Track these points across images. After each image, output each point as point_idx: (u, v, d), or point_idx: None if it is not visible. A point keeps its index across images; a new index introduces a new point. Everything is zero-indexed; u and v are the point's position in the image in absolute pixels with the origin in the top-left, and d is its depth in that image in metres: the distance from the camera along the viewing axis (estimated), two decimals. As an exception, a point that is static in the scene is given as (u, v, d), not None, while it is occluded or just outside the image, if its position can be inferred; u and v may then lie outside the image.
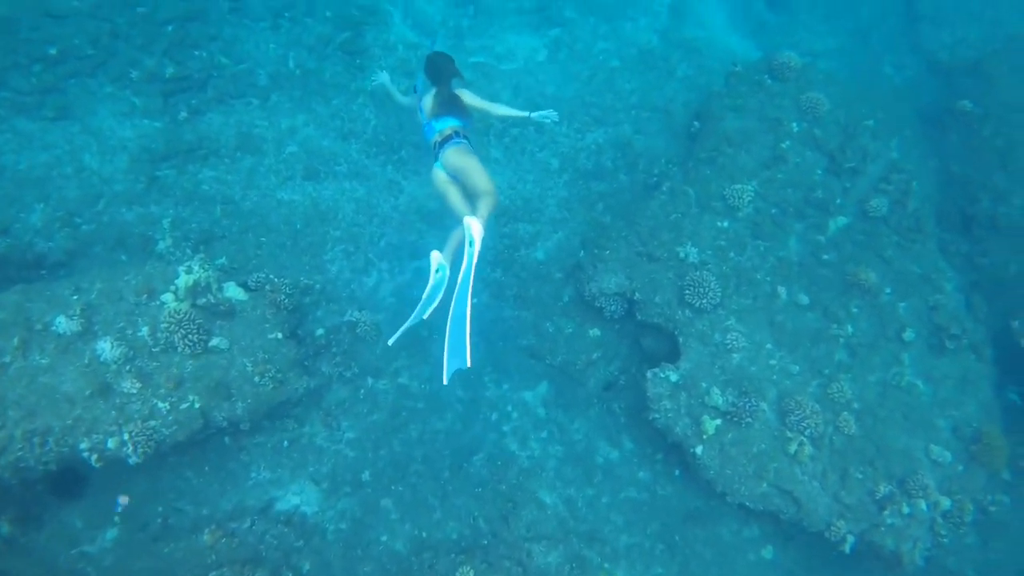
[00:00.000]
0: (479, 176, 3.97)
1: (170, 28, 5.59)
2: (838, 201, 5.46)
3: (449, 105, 4.15)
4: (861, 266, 5.22)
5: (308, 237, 5.03)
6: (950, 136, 5.93)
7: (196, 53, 5.52)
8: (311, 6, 6.02)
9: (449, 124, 4.16)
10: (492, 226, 5.12)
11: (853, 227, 5.43)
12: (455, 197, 4.05)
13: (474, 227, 3.72)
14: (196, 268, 4.12)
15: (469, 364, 3.70)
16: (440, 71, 4.19)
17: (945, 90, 6.22)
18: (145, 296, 4.06)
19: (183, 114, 5.28)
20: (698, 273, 4.89)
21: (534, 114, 4.32)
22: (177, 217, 4.90)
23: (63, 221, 4.70)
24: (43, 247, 4.60)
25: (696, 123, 5.83)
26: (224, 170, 5.16)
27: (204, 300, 4.14)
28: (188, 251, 4.78)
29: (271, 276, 4.50)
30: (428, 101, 4.21)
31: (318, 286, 4.88)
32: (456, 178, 4.08)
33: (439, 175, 4.12)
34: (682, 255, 5.00)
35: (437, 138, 4.16)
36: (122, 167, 5.00)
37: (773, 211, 5.30)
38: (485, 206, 3.89)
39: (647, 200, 5.21)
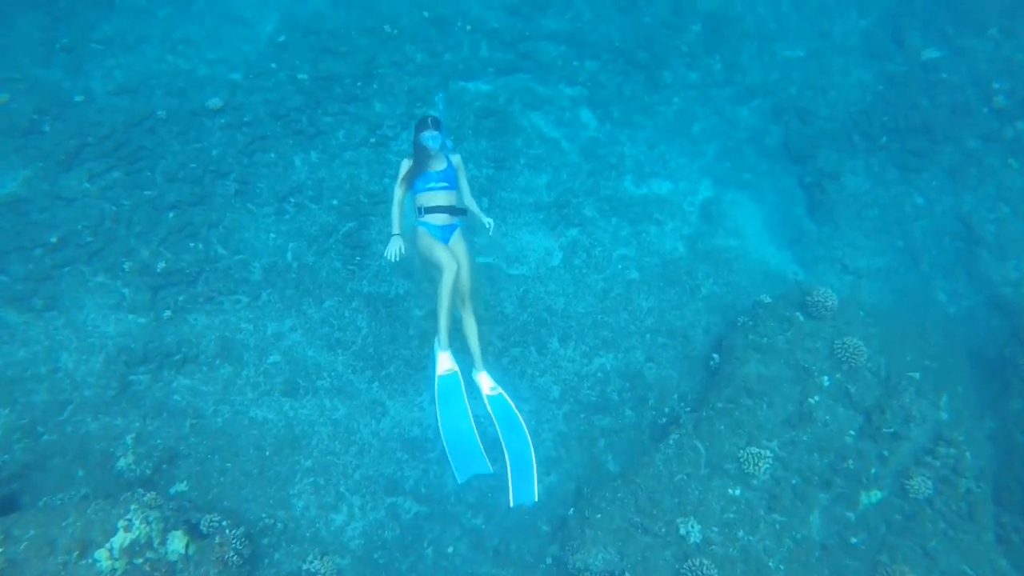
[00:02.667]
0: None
1: (172, 214, 6.24)
2: (873, 471, 5.40)
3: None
4: (897, 560, 5.03)
5: (276, 466, 5.25)
6: (1013, 399, 5.78)
7: (192, 244, 6.10)
8: (319, 192, 6.59)
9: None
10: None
11: (890, 504, 5.32)
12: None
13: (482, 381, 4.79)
14: (137, 523, 4.33)
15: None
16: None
17: (1008, 334, 6.16)
18: (77, 553, 4.21)
19: (167, 312, 5.75)
20: (698, 560, 4.78)
21: (486, 219, 5.14)
22: (143, 431, 5.22)
23: (25, 431, 5.07)
24: (-2, 461, 4.87)
25: (716, 356, 5.95)
26: (200, 379, 5.50)
27: (142, 559, 4.26)
28: (148, 470, 5.00)
29: (224, 523, 4.64)
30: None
31: (280, 525, 5.04)
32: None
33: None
34: (683, 531, 4.94)
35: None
36: (96, 369, 5.40)
37: (794, 481, 5.24)
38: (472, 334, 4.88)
39: (652, 452, 5.23)
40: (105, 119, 6.67)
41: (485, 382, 4.79)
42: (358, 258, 6.34)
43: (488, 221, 5.07)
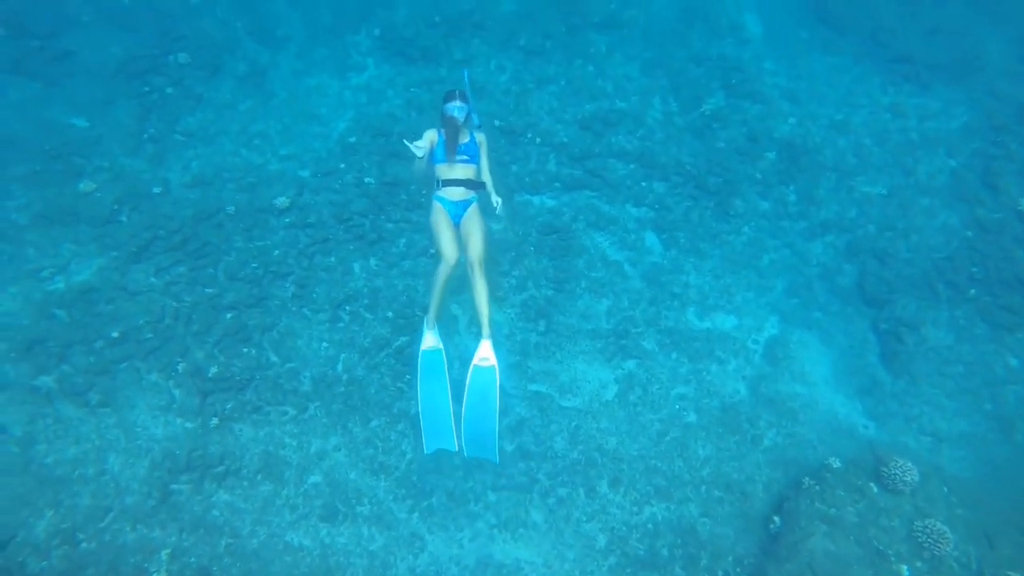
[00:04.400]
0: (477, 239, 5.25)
1: (229, 316, 6.71)
2: None
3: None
4: None
5: (306, 599, 5.33)
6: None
7: (245, 350, 6.52)
8: (375, 301, 6.98)
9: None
10: None
11: None
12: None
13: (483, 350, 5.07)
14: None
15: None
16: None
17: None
18: None
19: (215, 420, 6.11)
20: None
21: (495, 197, 5.44)
22: (178, 547, 5.49)
23: (65, 537, 5.40)
24: (35, 568, 5.18)
25: (776, 519, 5.92)
26: (240, 495, 5.78)
27: None
28: (179, 591, 5.19)
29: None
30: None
31: (302, 664, 5.08)
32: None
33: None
34: None
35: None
36: (140, 475, 5.75)
37: None
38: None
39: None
40: (177, 212, 7.30)
41: (482, 350, 5.09)
42: (408, 376, 6.62)
43: (496, 200, 5.44)
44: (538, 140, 8.31)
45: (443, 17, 9.39)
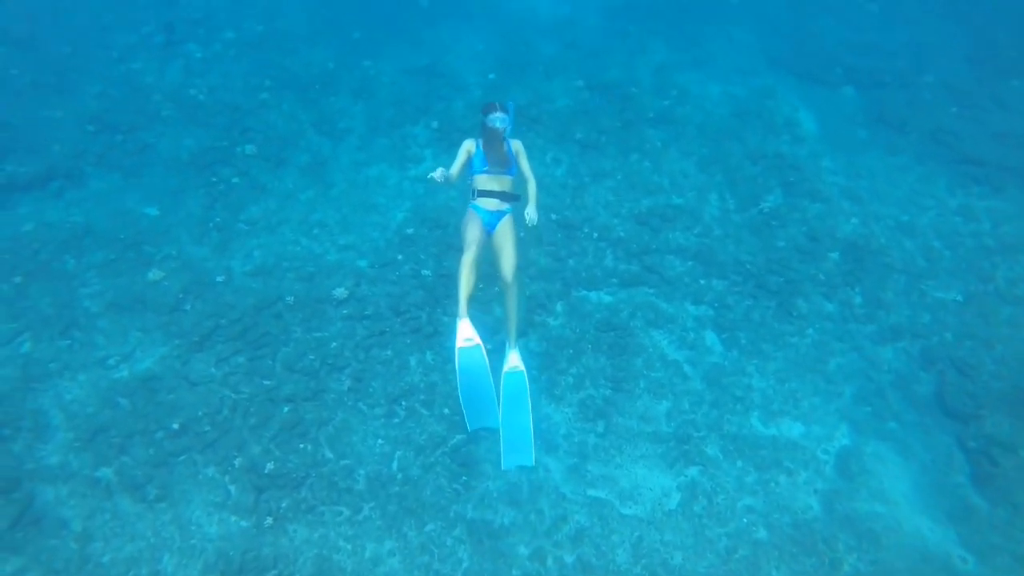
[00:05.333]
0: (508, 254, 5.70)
1: (286, 409, 6.86)
2: None
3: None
4: None
5: None
6: None
7: (301, 445, 6.65)
8: (431, 397, 7.11)
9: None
10: None
11: None
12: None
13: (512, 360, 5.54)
14: None
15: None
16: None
17: None
18: None
19: (269, 520, 6.17)
20: None
21: (532, 208, 5.74)
22: (226, 656, 5.35)
23: None
24: (84, 674, 5.17)
25: (859, 654, 5.62)
26: (292, 602, 5.69)
27: None
28: None
29: None
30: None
31: None
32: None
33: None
34: None
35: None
36: (193, 578, 5.70)
37: None
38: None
39: None
40: (239, 301, 7.65)
41: (511, 360, 5.57)
42: (464, 478, 6.65)
43: (531, 214, 5.71)
44: (595, 235, 8.56)
45: (500, 113, 9.94)
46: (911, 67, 11.80)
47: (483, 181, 5.78)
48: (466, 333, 5.36)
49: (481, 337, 5.75)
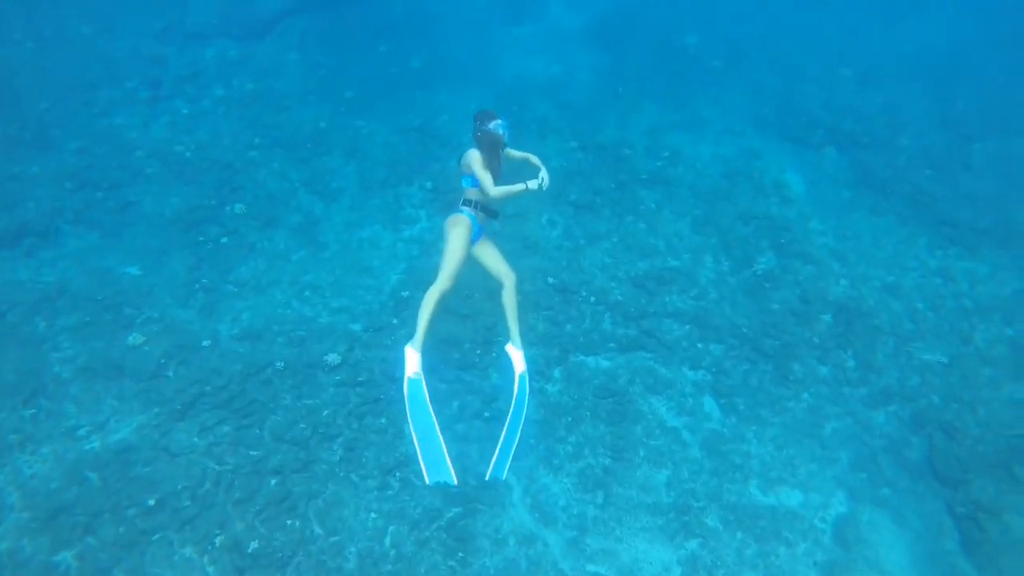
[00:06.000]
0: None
1: (274, 482, 6.62)
2: None
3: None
4: None
5: None
6: None
7: (289, 521, 6.41)
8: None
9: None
10: None
11: None
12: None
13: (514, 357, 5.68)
14: None
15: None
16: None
17: None
18: None
19: (253, 610, 5.77)
20: None
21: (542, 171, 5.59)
22: None
23: None
24: None
25: None
26: None
27: None
28: None
29: None
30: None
31: None
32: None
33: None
34: None
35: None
36: (171, 671, 5.36)
37: None
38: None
39: None
40: (225, 367, 7.44)
41: (516, 361, 5.70)
42: (460, 554, 6.43)
43: (542, 176, 5.49)
44: (592, 298, 8.57)
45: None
46: (888, 130, 12.23)
47: (478, 193, 5.58)
48: (413, 365, 5.41)
49: (479, 402, 5.78)
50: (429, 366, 7.86)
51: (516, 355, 5.70)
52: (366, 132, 11.10)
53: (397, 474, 7.07)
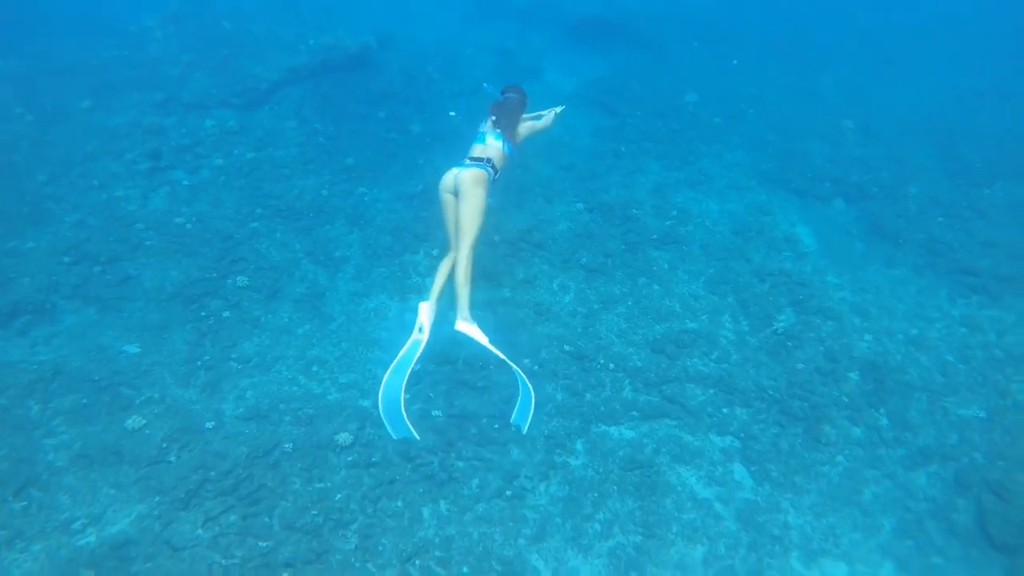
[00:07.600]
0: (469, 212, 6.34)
1: (285, 575, 6.16)
2: None
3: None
4: None
5: None
6: None
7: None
8: (447, 554, 6.74)
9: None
10: None
11: None
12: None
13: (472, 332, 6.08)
14: None
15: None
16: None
17: None
18: None
19: None
20: None
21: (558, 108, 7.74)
22: None
23: None
24: None
25: None
26: None
27: None
28: None
29: None
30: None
31: None
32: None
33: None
34: None
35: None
36: None
37: None
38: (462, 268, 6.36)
39: None
40: (230, 450, 7.15)
41: (477, 335, 6.16)
42: (489, 651, 6.07)
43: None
44: (611, 365, 8.39)
45: (502, 237, 9.99)
46: (895, 179, 12.37)
47: (477, 149, 6.82)
48: (424, 317, 6.27)
49: (500, 480, 5.57)
50: (447, 442, 7.69)
51: (473, 328, 6.09)
52: (368, 199, 11.09)
53: (416, 562, 6.70)
